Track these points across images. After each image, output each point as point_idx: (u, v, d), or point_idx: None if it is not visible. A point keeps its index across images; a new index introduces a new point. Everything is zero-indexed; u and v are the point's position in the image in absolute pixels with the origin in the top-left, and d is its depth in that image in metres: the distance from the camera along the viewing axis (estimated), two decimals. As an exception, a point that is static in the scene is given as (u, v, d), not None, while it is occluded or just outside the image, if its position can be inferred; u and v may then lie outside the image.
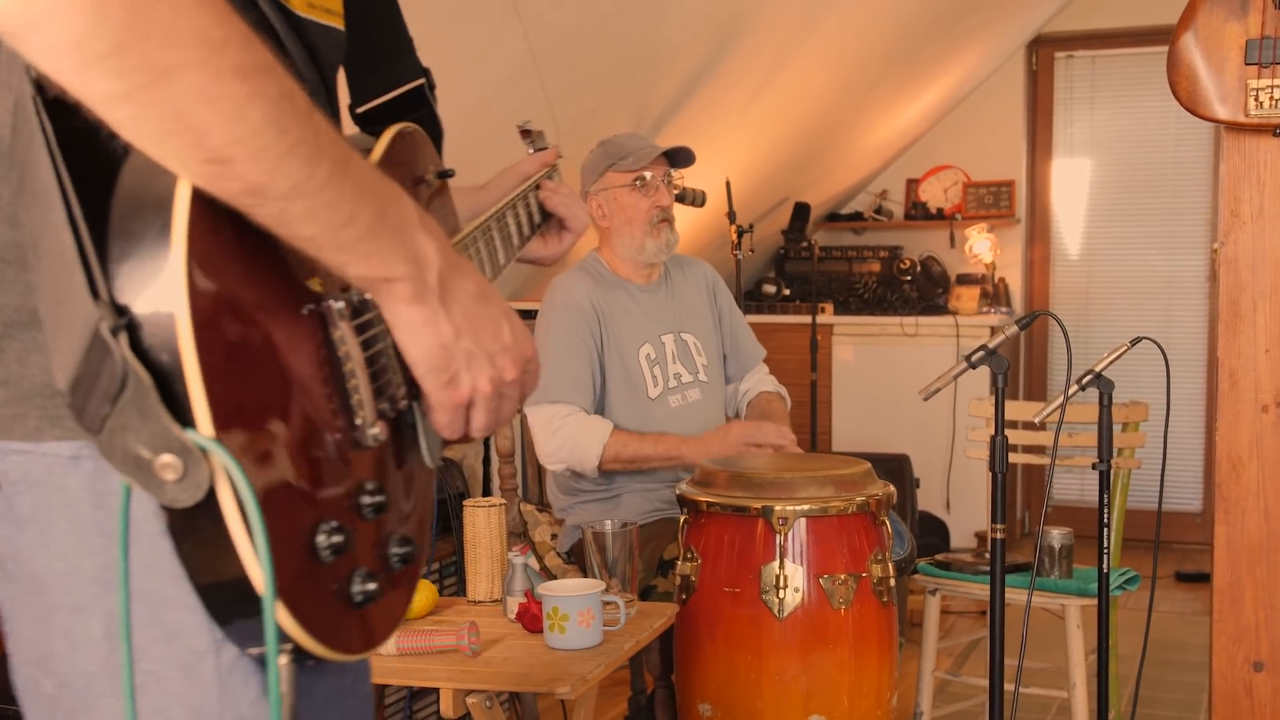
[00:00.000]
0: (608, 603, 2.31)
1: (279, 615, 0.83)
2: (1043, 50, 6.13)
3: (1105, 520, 2.78)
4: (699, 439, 2.98)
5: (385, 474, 0.98)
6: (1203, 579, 5.26)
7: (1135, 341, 2.76)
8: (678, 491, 2.66)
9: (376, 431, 0.95)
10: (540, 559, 3.12)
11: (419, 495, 1.04)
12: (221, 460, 0.81)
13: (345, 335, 0.93)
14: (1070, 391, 2.76)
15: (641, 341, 3.06)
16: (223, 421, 0.81)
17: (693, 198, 3.70)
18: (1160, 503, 2.80)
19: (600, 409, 3.01)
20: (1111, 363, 2.75)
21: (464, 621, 2.26)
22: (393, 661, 2.19)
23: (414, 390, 1.00)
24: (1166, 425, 2.80)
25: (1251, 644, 2.55)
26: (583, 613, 2.22)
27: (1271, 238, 2.47)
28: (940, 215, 6.06)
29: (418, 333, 0.95)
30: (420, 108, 1.22)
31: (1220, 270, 2.53)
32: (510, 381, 1.00)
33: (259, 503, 0.82)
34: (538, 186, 1.50)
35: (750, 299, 5.82)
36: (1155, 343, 2.75)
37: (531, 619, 2.33)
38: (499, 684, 2.10)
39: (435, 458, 1.05)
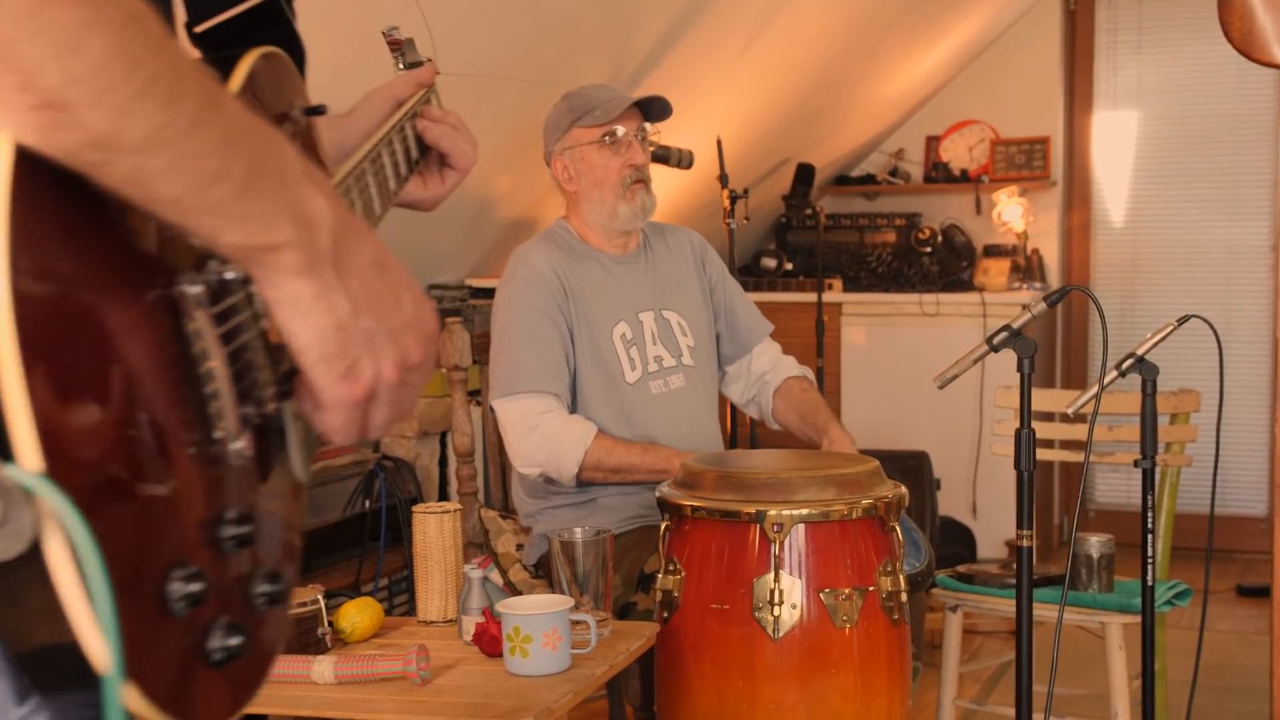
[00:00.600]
0: (577, 622, 2.32)
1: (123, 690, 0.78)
2: (1082, -13, 6.16)
3: (1150, 525, 2.80)
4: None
5: (249, 496, 0.93)
6: (1269, 593, 5.29)
7: (1183, 320, 2.78)
8: (658, 494, 2.67)
9: (240, 445, 0.90)
10: (504, 573, 3.13)
11: (287, 517, 1.00)
12: (53, 504, 0.74)
13: (202, 327, 0.88)
14: (1108, 378, 2.78)
15: (616, 320, 3.07)
16: (54, 452, 0.75)
17: (678, 158, 3.71)
18: (1213, 505, 2.82)
19: (571, 397, 3.02)
20: (1156, 344, 2.77)
21: (412, 645, 2.27)
22: (330, 691, 2.20)
23: (284, 389, 0.96)
24: (1220, 416, 2.81)
25: (1315, 665, 2.56)
26: (548, 633, 2.23)
27: (1336, 200, 2.49)
28: (965, 177, 6.08)
29: (308, 311, 0.90)
30: (275, 25, 1.13)
31: (1279, 238, 2.54)
32: (416, 365, 0.96)
33: (102, 555, 0.75)
34: (415, 114, 1.42)
35: (747, 274, 5.83)
36: (1206, 321, 2.76)
37: (490, 641, 2.34)
38: (451, 715, 2.11)
39: (307, 468, 1.01)
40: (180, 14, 1.09)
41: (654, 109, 3.09)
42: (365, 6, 2.94)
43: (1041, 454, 3.55)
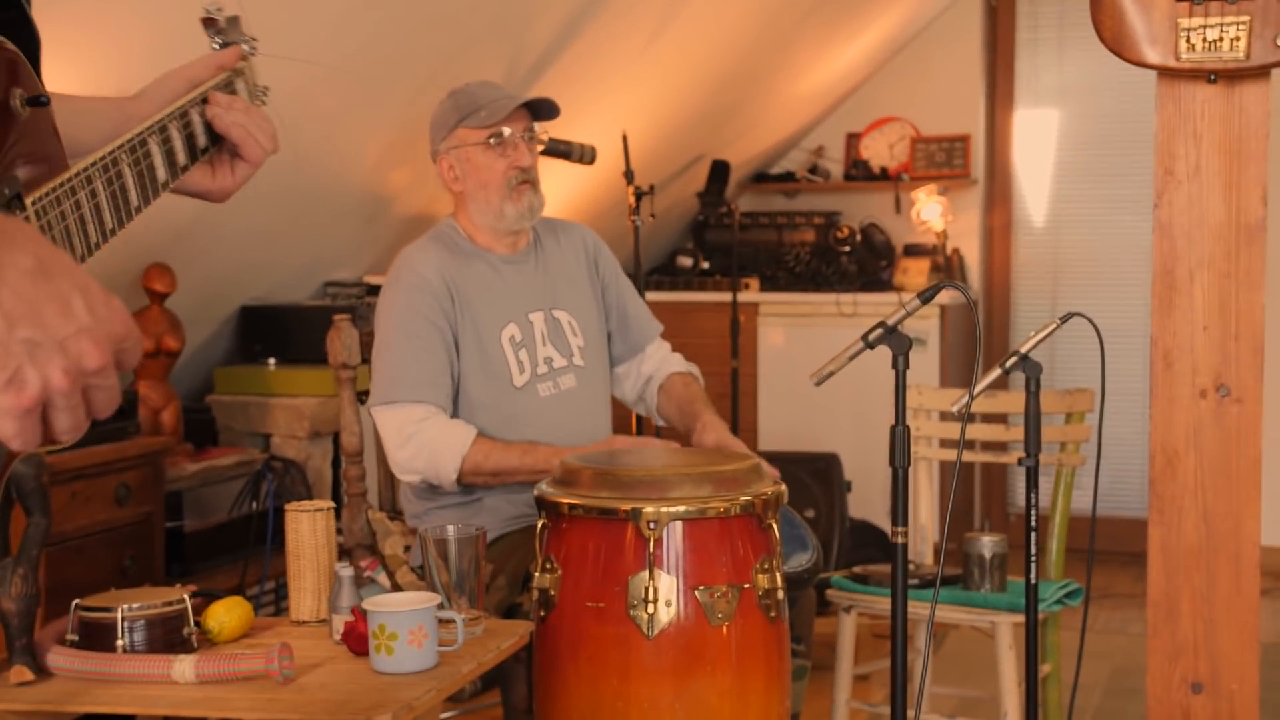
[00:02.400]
0: (445, 620, 2.37)
1: None
2: (1004, -17, 6.27)
3: (1033, 524, 2.89)
4: (577, 453, 3.04)
5: None
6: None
7: (1066, 318, 2.87)
8: (536, 493, 2.73)
9: None
10: (391, 575, 3.17)
11: None
12: None
13: None
14: (987, 376, 2.87)
15: (504, 321, 3.12)
16: None
17: (580, 154, 3.77)
18: (1095, 504, 2.92)
19: (456, 402, 3.07)
20: (1039, 343, 2.86)
21: (277, 643, 2.31)
22: (190, 690, 2.24)
23: None
24: (1101, 415, 2.91)
25: (1189, 663, 2.66)
26: (413, 630, 2.28)
27: (1209, 199, 2.58)
28: (884, 175, 6.17)
29: None
30: (5, 9, 1.09)
31: (1154, 236, 2.63)
32: (96, 369, 0.96)
33: None
34: (205, 100, 1.38)
35: (663, 273, 5.90)
36: (1088, 319, 2.85)
37: (358, 639, 2.38)
38: (310, 713, 2.15)
39: None
40: None
41: (542, 109, 3.14)
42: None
43: (941, 454, 3.65)
